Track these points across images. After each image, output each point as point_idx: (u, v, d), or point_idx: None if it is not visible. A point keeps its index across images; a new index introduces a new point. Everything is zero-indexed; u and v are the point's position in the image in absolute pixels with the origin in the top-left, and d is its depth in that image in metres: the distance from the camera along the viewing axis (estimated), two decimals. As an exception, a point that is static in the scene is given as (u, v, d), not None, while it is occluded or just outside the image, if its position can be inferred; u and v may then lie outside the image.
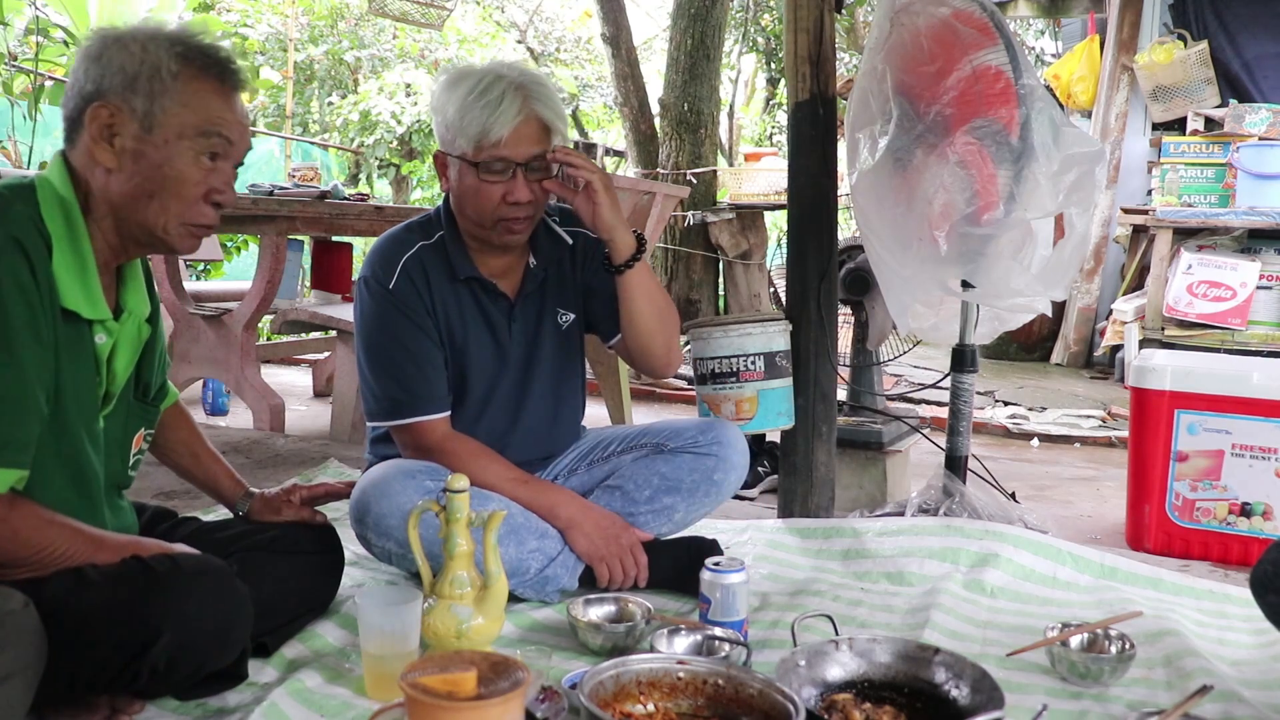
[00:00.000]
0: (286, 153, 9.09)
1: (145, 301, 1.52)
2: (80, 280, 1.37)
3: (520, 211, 1.86)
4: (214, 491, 1.82)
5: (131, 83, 1.37)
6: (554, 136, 1.87)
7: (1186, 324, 5.00)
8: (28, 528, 1.32)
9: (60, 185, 1.38)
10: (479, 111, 1.80)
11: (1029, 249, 2.28)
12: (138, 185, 1.39)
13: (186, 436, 1.81)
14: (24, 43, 6.34)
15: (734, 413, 2.40)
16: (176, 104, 1.39)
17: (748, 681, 1.35)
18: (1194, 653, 1.70)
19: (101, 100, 1.37)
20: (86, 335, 1.40)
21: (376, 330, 1.92)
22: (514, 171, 1.83)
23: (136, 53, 1.38)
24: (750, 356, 2.38)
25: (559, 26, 13.20)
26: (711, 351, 2.41)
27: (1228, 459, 2.43)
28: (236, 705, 1.46)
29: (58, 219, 1.36)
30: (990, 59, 2.19)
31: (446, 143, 1.88)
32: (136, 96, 1.38)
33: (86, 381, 1.41)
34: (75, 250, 1.37)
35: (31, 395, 1.29)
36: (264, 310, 3.72)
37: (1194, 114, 5.55)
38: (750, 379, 2.39)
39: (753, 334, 2.39)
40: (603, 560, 1.92)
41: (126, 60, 1.38)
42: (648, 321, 1.97)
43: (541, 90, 1.86)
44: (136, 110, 1.38)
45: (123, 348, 1.46)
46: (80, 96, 1.39)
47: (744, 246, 6.87)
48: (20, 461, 1.29)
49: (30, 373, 1.29)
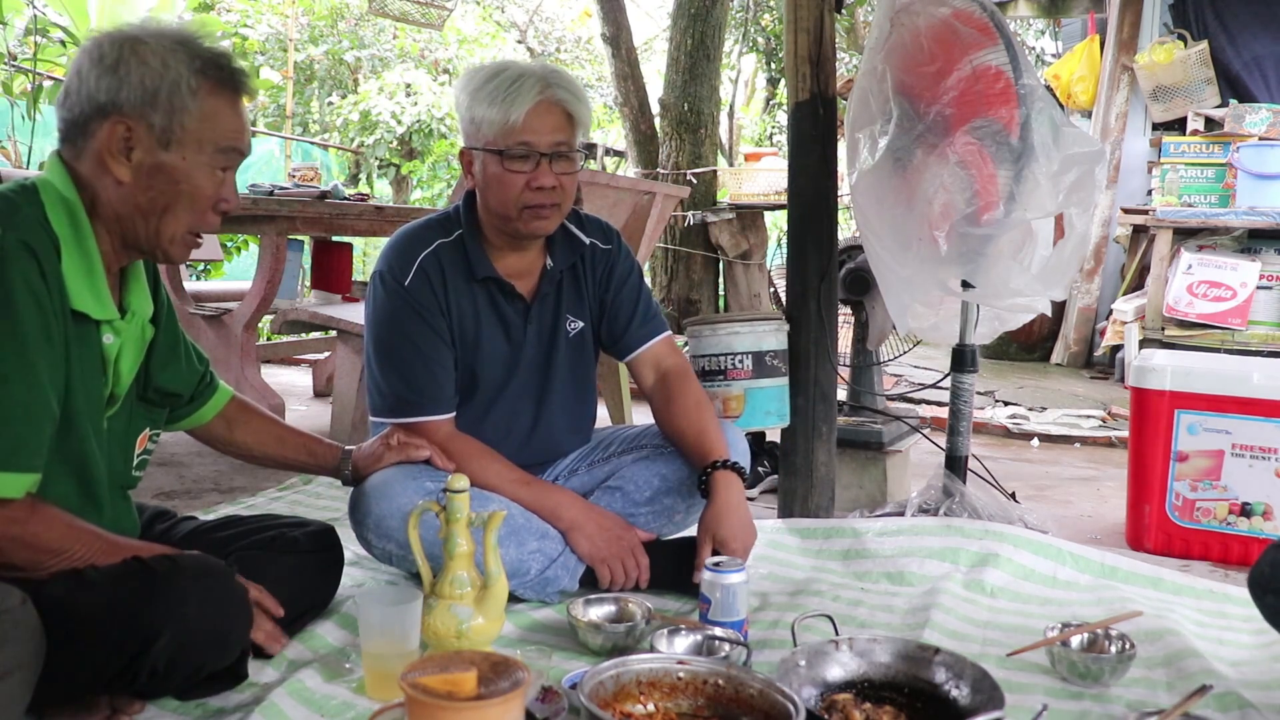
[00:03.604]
0: (286, 153, 9.10)
1: (148, 302, 1.52)
2: (88, 281, 1.37)
3: (546, 198, 1.85)
4: (313, 465, 1.85)
5: (151, 98, 1.36)
6: (577, 127, 1.88)
7: (1186, 324, 4.99)
8: (49, 532, 1.32)
9: (63, 188, 1.38)
10: (500, 97, 1.80)
11: (1029, 249, 2.28)
12: (153, 199, 1.39)
13: (261, 425, 1.82)
14: (23, 43, 6.34)
15: (721, 410, 2.41)
16: (196, 120, 1.39)
17: (748, 681, 1.35)
18: (1194, 653, 1.70)
19: (119, 115, 1.36)
20: (94, 336, 1.40)
21: (388, 327, 1.92)
22: (538, 161, 1.83)
23: (157, 68, 1.37)
24: (738, 355, 2.40)
25: (559, 26, 13.21)
26: (702, 349, 2.44)
27: (1228, 459, 2.43)
28: (236, 705, 1.45)
29: (64, 221, 1.36)
30: (990, 59, 2.19)
31: (470, 136, 1.88)
32: (156, 113, 1.37)
33: (94, 382, 1.41)
34: (83, 252, 1.37)
35: (45, 399, 1.30)
36: (264, 310, 3.72)
37: (1194, 114, 5.54)
38: (738, 377, 2.40)
39: (740, 333, 2.40)
40: (604, 562, 1.92)
41: (147, 75, 1.36)
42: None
43: (563, 79, 1.86)
44: (155, 126, 1.37)
45: (127, 349, 1.46)
46: (92, 106, 1.37)
47: (744, 246, 6.86)
48: (34, 465, 1.29)
49: (43, 376, 1.29)
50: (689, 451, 1.97)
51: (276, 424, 1.84)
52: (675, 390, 2.03)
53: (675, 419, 2.00)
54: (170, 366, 1.62)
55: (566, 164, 1.86)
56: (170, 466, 3.08)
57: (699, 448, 1.94)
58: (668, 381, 2.05)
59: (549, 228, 1.92)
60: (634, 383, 2.17)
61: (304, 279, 6.02)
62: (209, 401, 1.75)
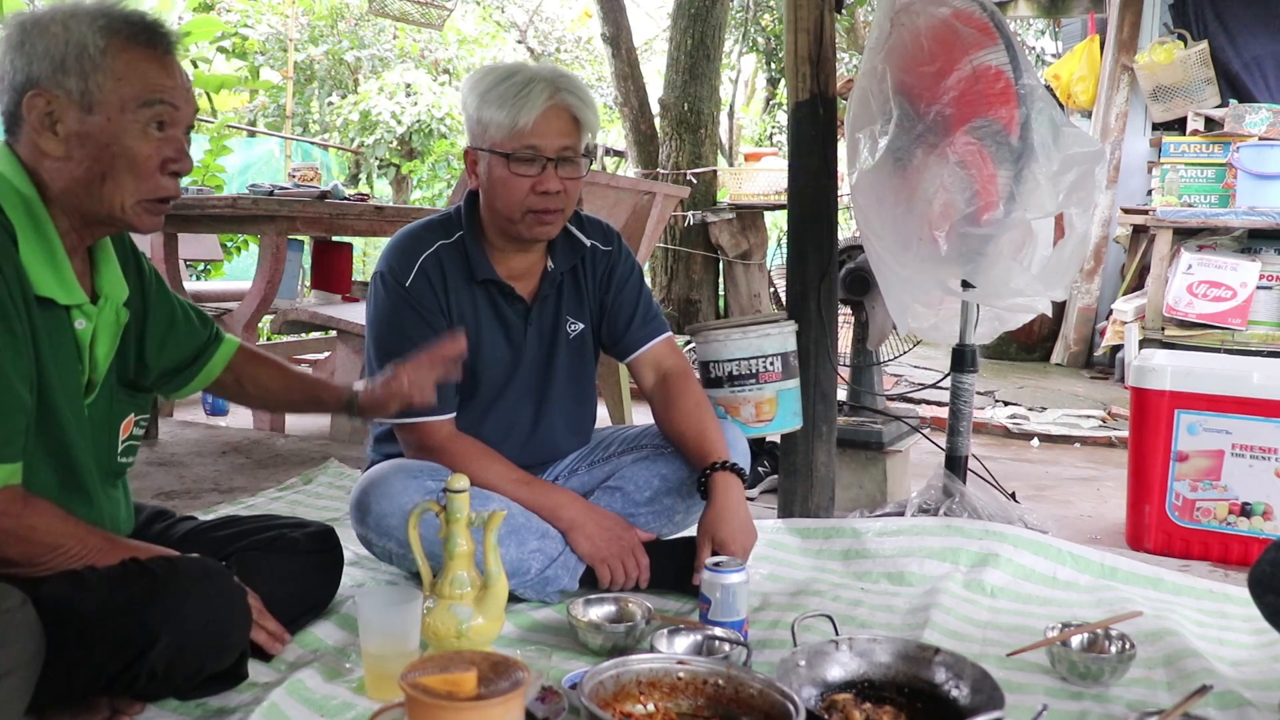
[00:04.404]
0: (286, 153, 9.09)
1: (121, 285, 1.49)
2: (51, 266, 1.35)
3: (550, 203, 1.85)
4: (320, 406, 1.82)
5: (60, 65, 1.33)
6: (584, 131, 1.88)
7: (1186, 324, 5.00)
8: (43, 527, 1.32)
9: (13, 176, 1.36)
10: (509, 99, 1.80)
11: (1029, 249, 2.28)
12: (89, 168, 1.36)
13: (267, 374, 1.78)
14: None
15: (754, 415, 2.36)
16: (111, 78, 1.35)
17: (748, 681, 1.35)
18: (1194, 653, 1.70)
19: (35, 89, 1.34)
20: (66, 322, 1.39)
21: (388, 327, 1.92)
22: (544, 165, 1.83)
23: (59, 34, 1.34)
24: (770, 357, 2.35)
25: (559, 26, 13.22)
26: (729, 354, 2.36)
27: (1228, 459, 2.43)
28: (236, 705, 1.45)
29: (18, 209, 1.34)
30: (990, 59, 2.19)
31: (476, 136, 1.88)
32: (69, 78, 1.34)
33: (69, 369, 1.39)
34: (41, 237, 1.35)
35: (11, 389, 1.28)
36: (264, 310, 3.72)
37: (1194, 114, 5.55)
38: (770, 380, 2.35)
39: (771, 334, 2.36)
40: (605, 562, 1.92)
41: (50, 44, 1.34)
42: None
43: (572, 83, 1.86)
44: (72, 92, 1.34)
45: (102, 333, 1.45)
46: (12, 89, 1.35)
47: (744, 246, 6.87)
48: (10, 456, 1.28)
49: (8, 368, 1.27)
50: (689, 452, 1.97)
51: (282, 371, 1.80)
52: (675, 391, 2.03)
53: (675, 420, 2.00)
54: (171, 340, 1.60)
55: (572, 169, 1.87)
56: (170, 466, 3.08)
57: (699, 448, 1.94)
58: (668, 382, 2.05)
59: (551, 233, 1.92)
60: (634, 383, 2.16)
61: (304, 279, 6.03)
62: (216, 355, 1.71)
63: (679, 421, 1.99)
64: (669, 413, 2.02)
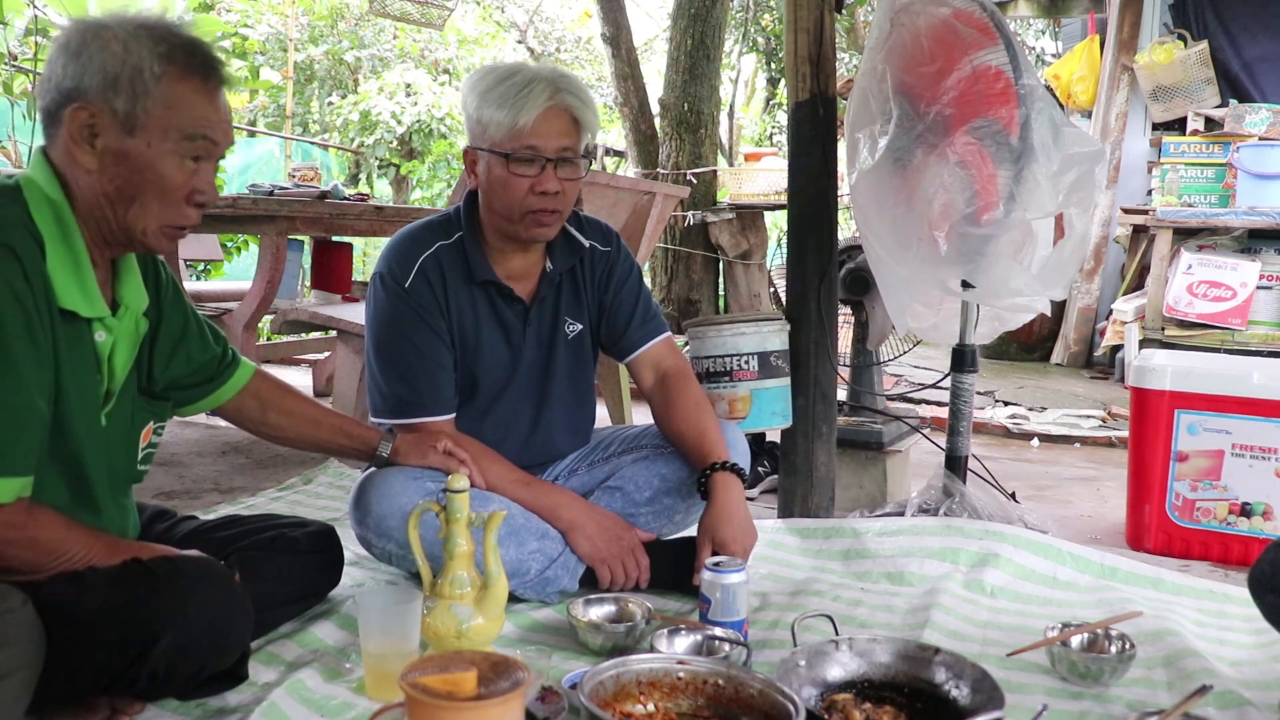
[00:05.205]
0: (286, 153, 9.10)
1: (142, 295, 1.50)
2: (76, 279, 1.35)
3: (549, 203, 1.85)
4: (349, 449, 1.84)
5: (113, 83, 1.33)
6: (584, 132, 1.88)
7: (1186, 324, 4.99)
8: (47, 534, 1.32)
9: (46, 184, 1.36)
10: (509, 99, 1.80)
11: (1029, 249, 2.28)
12: (119, 188, 1.36)
13: (296, 406, 1.79)
14: (24, 43, 6.33)
15: (727, 411, 2.41)
16: (160, 106, 1.35)
17: (748, 681, 1.35)
18: (1194, 653, 1.70)
19: (81, 101, 1.33)
20: (86, 334, 1.39)
21: (388, 328, 1.92)
22: (543, 165, 1.83)
23: (118, 52, 1.33)
24: (744, 356, 2.39)
25: (559, 26, 13.23)
26: (706, 350, 2.42)
27: (1228, 459, 2.43)
28: (237, 705, 1.46)
29: (48, 218, 1.34)
30: (990, 59, 2.19)
31: (476, 136, 1.88)
32: (118, 98, 1.33)
33: (88, 381, 1.40)
34: (69, 248, 1.35)
35: (31, 402, 1.28)
36: (264, 310, 3.71)
37: (1194, 114, 5.54)
38: (744, 378, 2.39)
39: (746, 333, 2.40)
40: (605, 562, 1.92)
41: (107, 60, 1.33)
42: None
43: (572, 84, 1.86)
44: (118, 111, 1.33)
45: (121, 344, 1.45)
46: (58, 93, 1.35)
47: (744, 246, 6.86)
48: (24, 469, 1.29)
49: (29, 379, 1.28)
50: (689, 452, 1.97)
51: (311, 405, 1.82)
52: (675, 391, 2.03)
53: (675, 420, 2.00)
54: (180, 351, 1.60)
55: (571, 169, 1.87)
56: (170, 466, 3.08)
57: (699, 448, 1.94)
58: (668, 382, 2.05)
59: (550, 234, 1.92)
60: (634, 383, 2.17)
61: (304, 279, 6.02)
62: (230, 379, 1.71)
63: (678, 421, 1.99)
64: (668, 413, 2.02)
